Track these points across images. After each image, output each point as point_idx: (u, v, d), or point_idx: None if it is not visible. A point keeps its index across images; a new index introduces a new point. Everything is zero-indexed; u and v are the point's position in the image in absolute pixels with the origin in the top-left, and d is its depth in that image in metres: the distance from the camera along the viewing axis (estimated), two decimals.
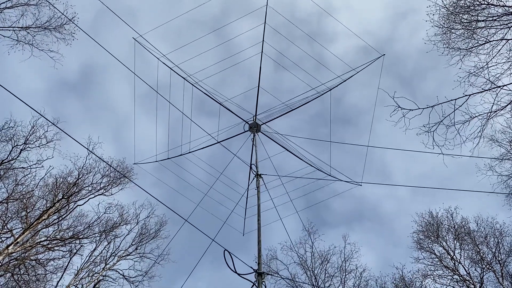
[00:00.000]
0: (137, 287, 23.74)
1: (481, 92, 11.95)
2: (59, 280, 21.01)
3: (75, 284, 21.45)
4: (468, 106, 11.82)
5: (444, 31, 14.46)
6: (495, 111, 12.28)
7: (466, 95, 11.53)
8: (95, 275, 22.35)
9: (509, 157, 18.28)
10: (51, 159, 21.36)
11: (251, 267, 8.40)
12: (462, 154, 11.73)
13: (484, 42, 13.56)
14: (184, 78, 16.28)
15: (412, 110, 11.32)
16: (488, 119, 12.41)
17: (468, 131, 12.47)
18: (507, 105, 12.23)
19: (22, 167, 20.89)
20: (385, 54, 16.32)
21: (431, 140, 11.90)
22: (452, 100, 11.47)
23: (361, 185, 17.07)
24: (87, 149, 12.53)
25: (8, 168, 20.66)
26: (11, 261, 19.16)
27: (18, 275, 19.56)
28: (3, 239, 19.86)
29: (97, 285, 21.68)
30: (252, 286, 8.32)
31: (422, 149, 12.24)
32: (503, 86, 11.96)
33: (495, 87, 12.00)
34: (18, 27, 17.39)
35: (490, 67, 12.97)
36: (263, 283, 8.31)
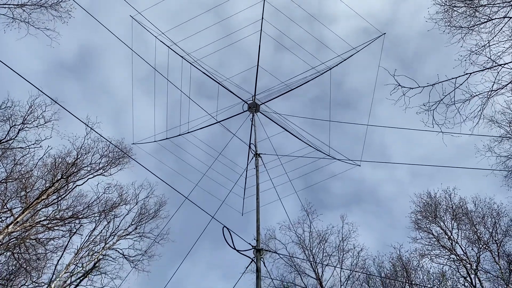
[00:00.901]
0: (136, 266, 23.96)
1: (482, 70, 11.84)
2: (59, 259, 21.21)
3: (75, 263, 21.66)
4: (468, 84, 11.73)
5: (446, 9, 14.25)
6: (496, 90, 12.19)
7: (467, 74, 11.41)
8: (95, 254, 22.55)
9: (508, 137, 18.25)
10: (50, 139, 21.31)
11: (250, 244, 8.44)
12: (462, 133, 11.70)
13: (486, 20, 13.38)
14: (182, 57, 16.13)
15: (413, 88, 11.22)
16: (489, 98, 12.33)
17: (468, 110, 12.41)
18: (508, 83, 12.13)
19: (21, 147, 20.85)
20: (385, 33, 16.16)
21: (431, 119, 11.84)
22: (452, 78, 11.36)
23: (359, 165, 17.09)
24: (87, 125, 12.45)
25: (7, 148, 20.61)
26: (11, 240, 19.27)
27: (19, 254, 19.71)
28: (2, 218, 19.95)
29: (97, 264, 21.88)
30: (251, 262, 8.39)
31: (421, 128, 12.20)
32: (504, 64, 11.85)
33: (496, 66, 11.89)
34: (13, 5, 17.10)
35: (491, 45, 12.82)
36: (262, 259, 8.37)
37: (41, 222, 20.73)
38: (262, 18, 14.49)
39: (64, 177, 21.57)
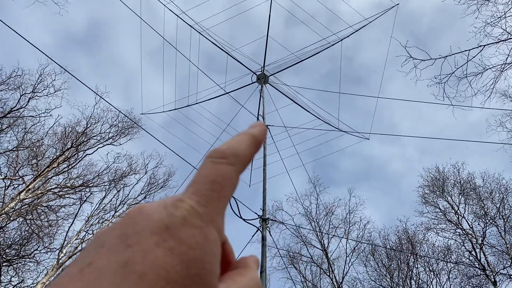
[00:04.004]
0: None
1: (497, 42, 11.57)
2: (70, 226, 21.65)
3: (85, 230, 22.13)
4: (482, 57, 11.54)
5: None
6: (510, 63, 11.94)
7: (480, 46, 11.17)
8: (105, 222, 22.98)
9: None
10: (59, 108, 21.51)
11: (256, 213, 8.55)
12: (473, 106, 11.55)
13: None
14: (191, 26, 15.95)
15: (424, 60, 11.05)
16: (502, 71, 12.09)
17: (480, 83, 12.23)
18: None
19: (31, 116, 21.04)
20: (399, 4, 15.79)
21: (442, 92, 11.69)
22: (465, 50, 11.14)
23: (368, 139, 17.03)
24: (96, 93, 12.46)
25: (18, 116, 20.81)
26: (24, 206, 19.69)
27: (31, 220, 20.16)
28: (15, 185, 20.34)
29: None
30: (257, 231, 8.51)
31: (432, 101, 12.06)
32: None
33: (511, 38, 11.60)
34: None
35: (508, 17, 12.46)
36: (267, 228, 8.48)
37: (52, 190, 21.10)
38: None
39: (74, 146, 21.81)
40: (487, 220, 22.26)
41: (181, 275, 0.31)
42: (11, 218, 18.68)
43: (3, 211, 17.98)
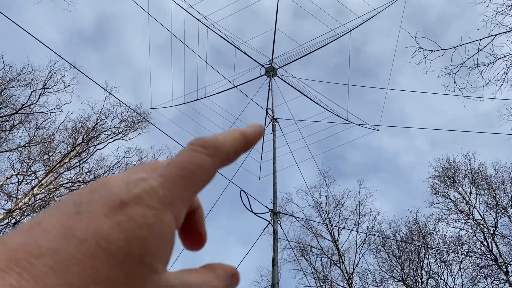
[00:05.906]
0: None
1: (508, 32, 11.41)
2: None
3: None
4: (493, 47, 11.35)
5: None
6: None
7: (491, 35, 11.04)
8: None
9: None
10: (69, 103, 21.69)
11: (267, 207, 8.59)
12: (484, 97, 11.44)
13: None
14: (198, 20, 15.96)
15: (434, 51, 10.95)
16: None
17: (491, 73, 12.09)
18: None
19: (42, 112, 21.25)
20: None
21: (452, 83, 11.59)
22: (476, 40, 11.02)
23: (378, 130, 16.98)
24: (105, 89, 12.57)
25: (29, 112, 21.03)
26: (37, 202, 19.97)
27: None
28: (28, 181, 20.61)
29: None
30: (268, 225, 8.56)
31: (442, 96, 11.97)
32: None
33: None
34: None
35: None
36: (278, 222, 8.53)
37: (64, 185, 21.34)
38: None
39: (85, 141, 22.00)
40: (499, 210, 22.10)
41: (121, 251, 0.31)
42: (25, 214, 18.96)
43: (17, 207, 18.27)
